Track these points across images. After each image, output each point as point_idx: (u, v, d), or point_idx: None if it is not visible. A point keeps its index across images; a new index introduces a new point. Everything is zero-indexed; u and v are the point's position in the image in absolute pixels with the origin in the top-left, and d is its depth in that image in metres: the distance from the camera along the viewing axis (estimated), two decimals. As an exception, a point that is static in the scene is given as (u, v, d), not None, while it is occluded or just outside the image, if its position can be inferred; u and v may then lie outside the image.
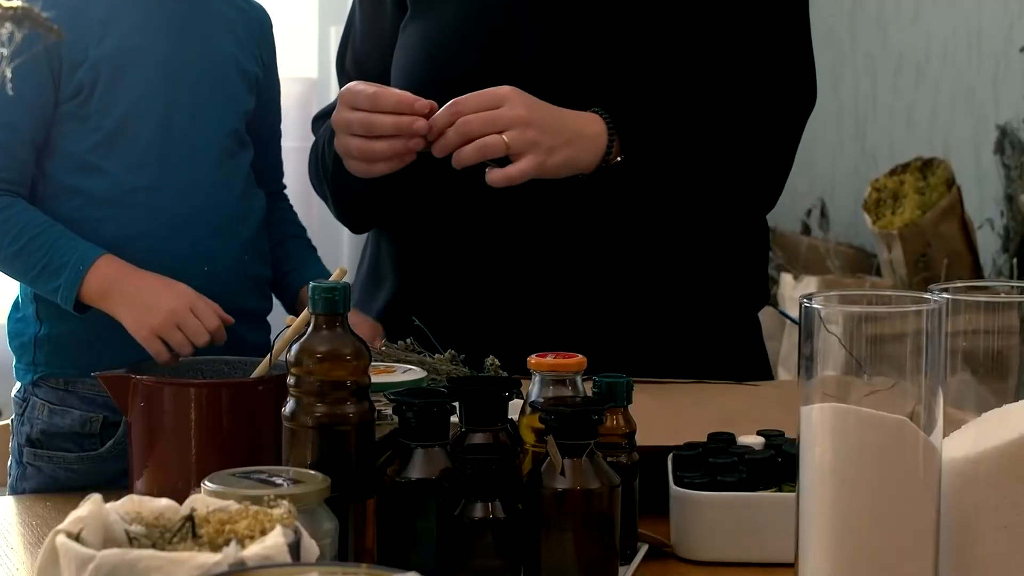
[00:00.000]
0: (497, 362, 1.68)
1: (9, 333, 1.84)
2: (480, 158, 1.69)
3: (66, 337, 1.78)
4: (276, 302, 1.92)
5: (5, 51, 0.97)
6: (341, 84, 2.04)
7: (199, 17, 1.83)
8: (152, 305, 1.67)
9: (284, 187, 2.00)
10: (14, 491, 1.80)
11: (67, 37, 1.68)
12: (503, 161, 1.70)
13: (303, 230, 1.99)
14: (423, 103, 1.71)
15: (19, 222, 1.72)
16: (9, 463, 1.84)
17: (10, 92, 1.64)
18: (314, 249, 1.98)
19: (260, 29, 1.92)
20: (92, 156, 1.76)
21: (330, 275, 1.90)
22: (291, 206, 2.01)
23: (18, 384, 1.84)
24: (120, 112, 1.76)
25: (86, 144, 1.76)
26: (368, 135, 1.73)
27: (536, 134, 1.69)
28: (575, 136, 1.73)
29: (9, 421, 1.88)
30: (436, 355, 1.71)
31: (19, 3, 1.01)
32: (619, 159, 1.76)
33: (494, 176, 1.70)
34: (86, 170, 1.76)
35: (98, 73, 1.75)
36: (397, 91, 1.74)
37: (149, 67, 1.78)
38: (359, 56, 2.01)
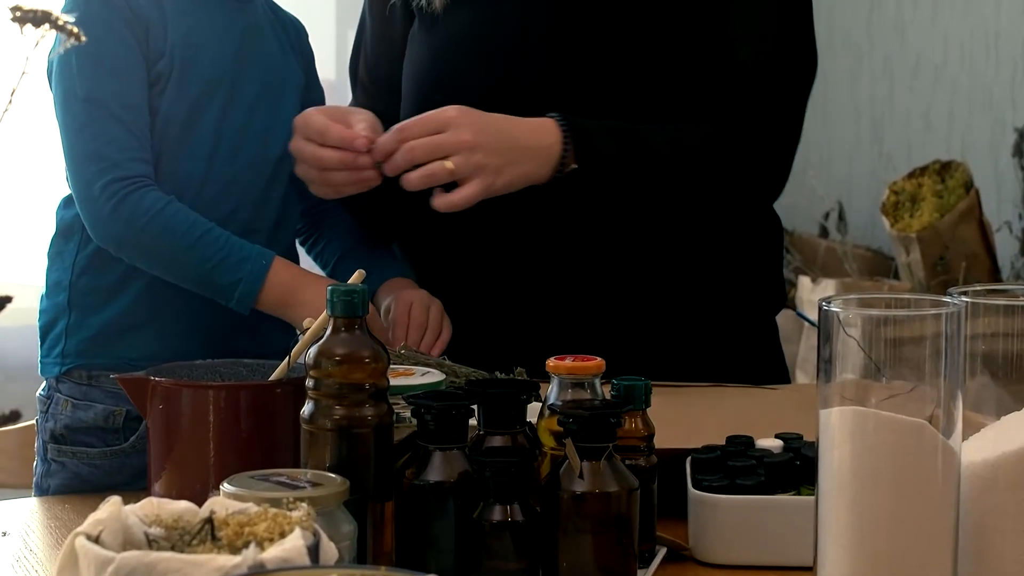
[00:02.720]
0: (524, 372, 1.68)
1: (40, 326, 1.86)
2: (426, 185, 1.70)
3: (97, 327, 1.81)
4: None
5: (28, 55, 0.97)
6: (354, 89, 2.05)
7: (252, 21, 1.87)
8: None
9: None
10: (39, 489, 1.83)
11: (150, 27, 1.73)
12: (452, 182, 1.70)
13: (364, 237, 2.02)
14: (363, 140, 1.72)
15: (187, 215, 1.75)
16: (35, 463, 1.86)
17: (116, 82, 1.68)
18: (382, 251, 1.99)
19: (297, 37, 1.96)
20: (154, 148, 1.78)
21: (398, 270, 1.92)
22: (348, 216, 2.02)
23: (43, 383, 1.86)
24: (185, 105, 1.79)
25: (154, 135, 1.78)
26: (320, 168, 1.75)
27: (482, 157, 1.69)
28: (524, 152, 1.72)
29: (34, 421, 1.89)
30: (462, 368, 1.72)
31: (39, 6, 1.02)
32: (574, 166, 1.75)
33: (439, 202, 1.70)
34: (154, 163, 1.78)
35: (172, 64, 1.77)
36: (343, 128, 1.75)
37: (211, 65, 1.81)
38: (370, 63, 2.02)
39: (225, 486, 1.18)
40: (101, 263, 1.81)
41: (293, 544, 1.00)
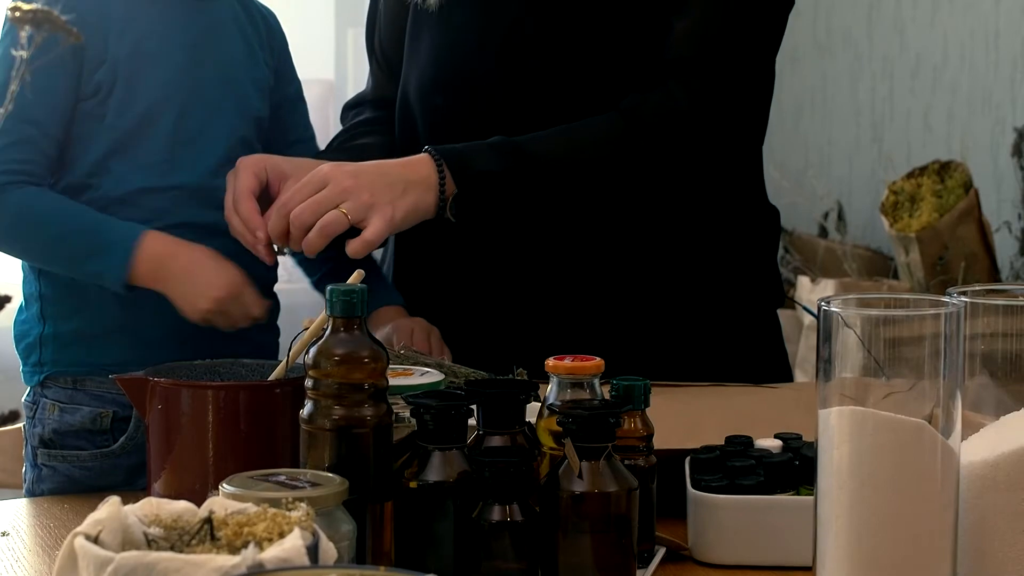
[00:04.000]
0: (524, 373, 1.68)
1: (15, 335, 1.85)
2: (326, 239, 1.68)
3: (71, 334, 1.80)
4: (282, 303, 1.91)
5: (24, 54, 0.97)
6: (371, 63, 2.06)
7: (212, 22, 1.85)
8: (202, 290, 1.71)
9: None
10: (31, 495, 1.81)
11: (88, 36, 1.71)
12: (354, 232, 1.69)
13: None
14: (261, 233, 1.71)
15: (56, 208, 1.75)
16: (24, 468, 1.85)
17: (29, 93, 1.67)
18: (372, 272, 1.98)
19: (268, 30, 1.93)
20: (104, 156, 1.77)
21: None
22: None
23: (27, 389, 1.85)
24: (136, 114, 1.77)
25: (100, 143, 1.77)
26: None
27: (370, 196, 1.68)
28: (408, 185, 1.72)
29: (22, 426, 1.89)
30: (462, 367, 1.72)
31: (38, 6, 1.01)
32: (456, 192, 1.74)
33: (353, 247, 1.69)
34: (96, 169, 1.77)
35: (116, 73, 1.76)
36: (251, 210, 1.72)
37: (165, 71, 1.79)
38: (383, 45, 2.03)
39: (224, 486, 1.18)
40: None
41: (292, 544, 1.00)
